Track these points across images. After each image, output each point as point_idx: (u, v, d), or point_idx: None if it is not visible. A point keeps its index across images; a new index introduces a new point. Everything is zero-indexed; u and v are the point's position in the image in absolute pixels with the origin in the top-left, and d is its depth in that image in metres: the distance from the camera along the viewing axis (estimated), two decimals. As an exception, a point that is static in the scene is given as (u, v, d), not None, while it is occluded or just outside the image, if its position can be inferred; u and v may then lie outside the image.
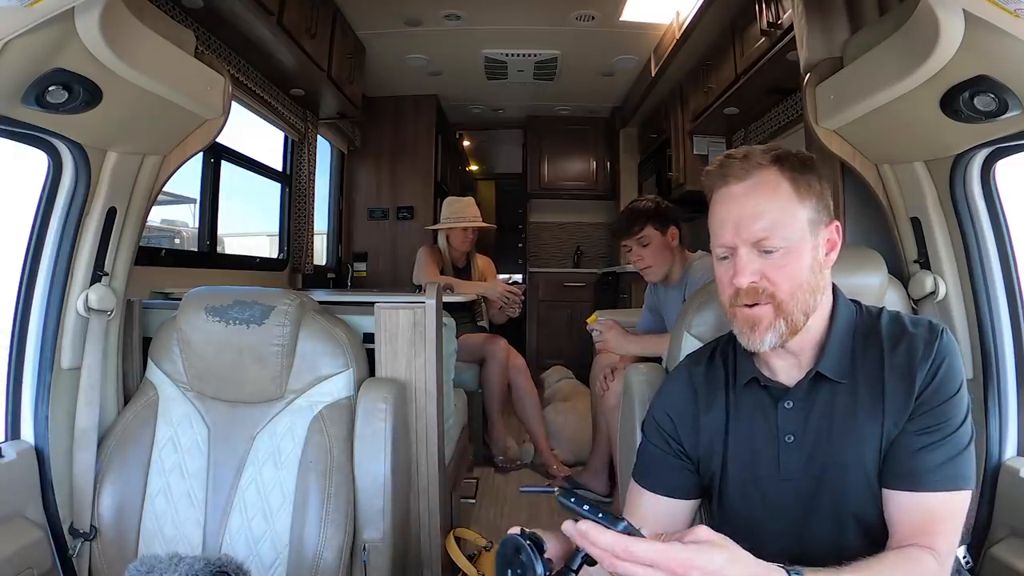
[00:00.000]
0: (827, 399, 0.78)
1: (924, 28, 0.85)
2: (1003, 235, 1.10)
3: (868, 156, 1.20)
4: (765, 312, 0.76)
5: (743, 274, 0.75)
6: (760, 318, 0.76)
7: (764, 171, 0.77)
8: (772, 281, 0.75)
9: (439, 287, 1.40)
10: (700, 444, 0.86)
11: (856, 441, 0.75)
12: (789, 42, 2.00)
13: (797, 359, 0.81)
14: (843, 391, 0.78)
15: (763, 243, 0.75)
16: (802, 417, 0.79)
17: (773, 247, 0.75)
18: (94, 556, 1.12)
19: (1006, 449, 1.09)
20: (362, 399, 1.17)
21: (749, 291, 0.76)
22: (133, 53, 0.95)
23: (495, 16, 2.95)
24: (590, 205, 4.94)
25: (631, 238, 1.93)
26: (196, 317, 1.16)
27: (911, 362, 0.75)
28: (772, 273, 0.75)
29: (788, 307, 0.75)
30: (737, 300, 0.77)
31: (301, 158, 3.13)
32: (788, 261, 0.75)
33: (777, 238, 0.74)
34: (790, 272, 0.75)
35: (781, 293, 0.75)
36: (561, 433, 2.76)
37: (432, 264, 2.73)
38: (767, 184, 0.76)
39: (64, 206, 1.10)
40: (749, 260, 0.76)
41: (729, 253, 0.78)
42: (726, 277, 0.79)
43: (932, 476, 0.71)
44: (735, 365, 0.86)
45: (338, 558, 1.08)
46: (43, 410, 1.11)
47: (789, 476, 0.79)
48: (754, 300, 0.76)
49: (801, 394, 0.80)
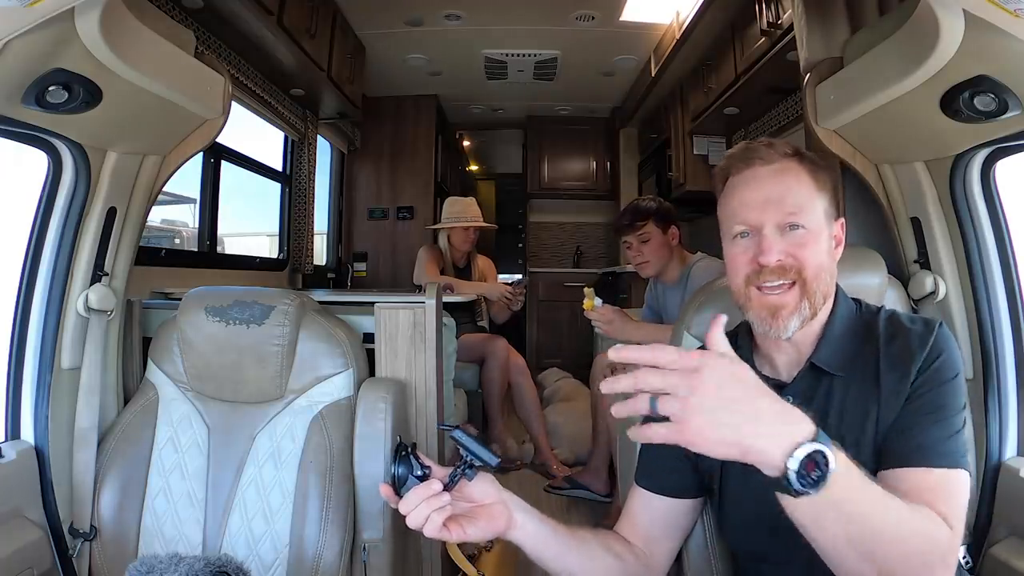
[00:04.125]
0: (824, 393, 0.78)
1: (924, 28, 0.85)
2: (1003, 235, 1.10)
3: (868, 156, 1.20)
4: (791, 297, 0.75)
5: (771, 252, 0.75)
6: (784, 303, 0.75)
7: (788, 160, 0.79)
8: (799, 259, 0.75)
9: (439, 287, 1.40)
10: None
11: (853, 431, 0.75)
12: (789, 42, 2.00)
13: (798, 352, 0.81)
14: (839, 384, 0.78)
15: (791, 220, 0.75)
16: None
17: (799, 223, 0.75)
18: (94, 556, 1.12)
19: (1006, 449, 1.09)
20: (362, 399, 1.17)
21: (776, 269, 0.75)
22: (133, 53, 0.95)
23: (495, 16, 2.95)
24: (590, 205, 4.94)
25: (633, 233, 1.97)
26: (196, 317, 1.16)
27: (906, 352, 0.75)
28: (798, 251, 0.75)
29: (813, 287, 0.75)
30: (757, 279, 0.76)
31: (301, 158, 3.13)
32: (811, 240, 0.76)
33: (805, 217, 0.76)
34: (815, 251, 0.76)
35: (808, 271, 0.75)
36: (561, 433, 2.76)
37: (433, 264, 2.73)
38: (791, 170, 0.78)
39: (64, 206, 1.10)
40: (776, 239, 0.76)
41: (752, 232, 0.78)
42: (744, 257, 0.78)
43: (930, 452, 0.69)
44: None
45: (338, 558, 1.08)
46: (43, 410, 1.11)
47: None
48: (780, 279, 0.75)
49: (798, 389, 0.80)
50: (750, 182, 0.79)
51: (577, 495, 2.32)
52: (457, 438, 0.73)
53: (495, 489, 0.77)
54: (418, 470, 0.72)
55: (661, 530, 0.88)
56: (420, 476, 0.72)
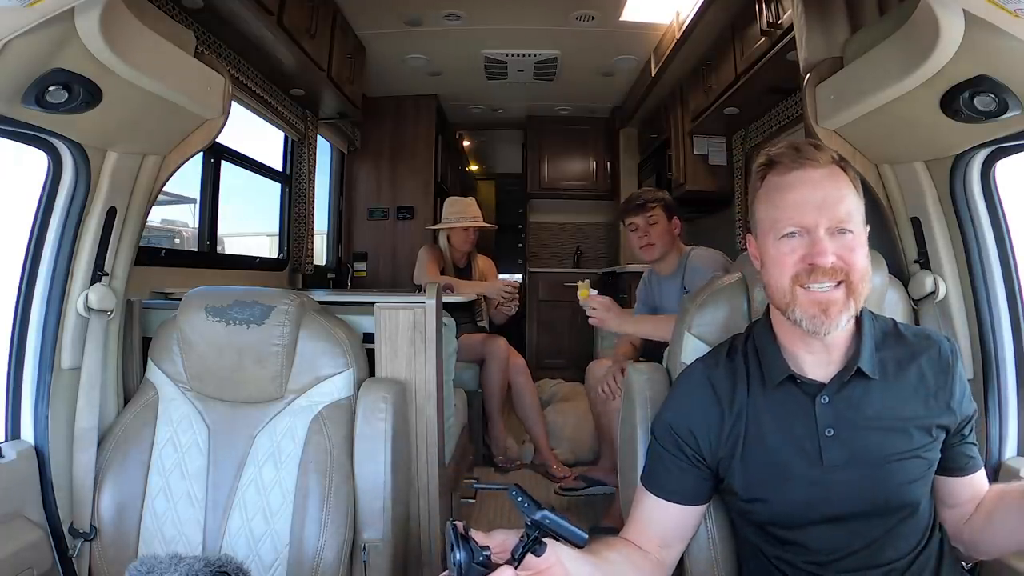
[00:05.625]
0: (861, 394, 0.82)
1: (924, 28, 0.85)
2: (1003, 235, 1.10)
3: (868, 156, 1.20)
4: (839, 295, 0.78)
5: (826, 254, 0.77)
6: (834, 300, 0.78)
7: (835, 164, 0.82)
8: (848, 262, 0.78)
9: (439, 287, 1.40)
10: (722, 448, 0.86)
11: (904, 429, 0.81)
12: (789, 42, 2.00)
13: (829, 354, 0.83)
14: (876, 385, 0.82)
15: (842, 224, 0.78)
16: (838, 411, 0.82)
17: (850, 228, 0.78)
18: (94, 556, 1.12)
19: (1006, 449, 1.09)
20: (362, 399, 1.17)
21: (829, 271, 0.78)
22: (133, 53, 0.95)
23: (495, 16, 2.95)
24: (590, 205, 4.94)
25: (642, 214, 2.03)
26: (196, 317, 1.16)
27: (944, 366, 0.84)
28: (847, 255, 0.78)
29: (858, 289, 0.79)
30: (807, 279, 0.78)
31: (301, 158, 3.13)
32: (858, 245, 0.79)
33: (853, 223, 0.79)
34: (861, 255, 0.79)
35: (855, 274, 0.78)
36: (561, 433, 2.76)
37: (433, 264, 2.73)
38: (841, 176, 0.81)
39: (64, 206, 1.10)
40: (828, 242, 0.78)
41: (803, 232, 0.79)
42: (794, 256, 0.80)
43: (976, 460, 0.86)
44: (760, 363, 0.87)
45: (338, 558, 1.08)
46: (43, 410, 1.11)
47: (832, 469, 0.80)
48: (830, 280, 0.78)
49: (835, 389, 0.82)
50: (803, 182, 0.80)
51: (594, 492, 2.32)
52: (541, 523, 0.65)
53: (551, 550, 0.69)
54: (480, 555, 0.65)
55: (672, 535, 0.88)
56: (482, 561, 0.65)
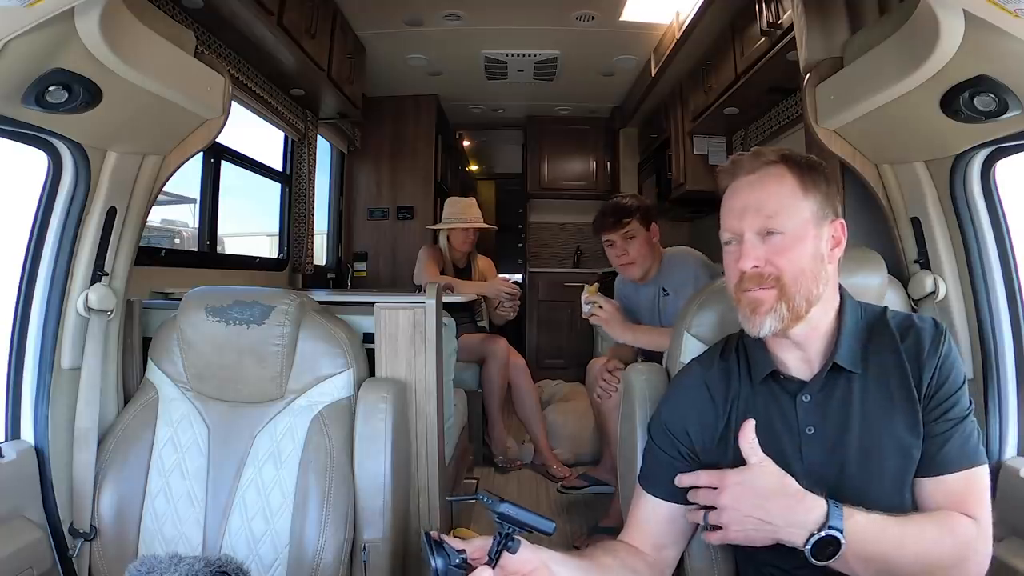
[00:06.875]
0: (844, 391, 0.81)
1: (924, 28, 0.85)
2: (1003, 235, 1.10)
3: (868, 156, 1.20)
4: (768, 296, 0.79)
5: (747, 258, 0.79)
6: (762, 301, 0.79)
7: (772, 166, 0.82)
8: (776, 265, 0.79)
9: (439, 287, 1.40)
10: (716, 446, 0.86)
11: (886, 425, 0.78)
12: (789, 42, 2.00)
13: (804, 352, 0.83)
14: (858, 381, 0.81)
15: (767, 226, 0.79)
16: (820, 410, 0.82)
17: (776, 229, 0.79)
18: (94, 556, 1.12)
19: (1006, 449, 1.09)
20: (362, 399, 1.17)
21: (753, 276, 0.79)
22: (133, 53, 0.95)
23: (495, 16, 2.95)
24: (590, 205, 4.89)
25: (618, 231, 1.89)
26: (196, 317, 1.16)
27: (920, 354, 0.80)
28: (775, 257, 0.78)
29: (791, 291, 0.78)
30: (742, 285, 0.80)
31: (301, 158, 3.13)
32: (790, 246, 0.78)
33: (779, 224, 0.79)
34: (793, 257, 0.78)
35: (786, 277, 0.78)
36: (561, 433, 2.76)
37: (433, 264, 2.73)
38: (773, 176, 0.81)
39: (64, 206, 1.10)
40: (753, 246, 0.79)
41: (735, 239, 0.82)
42: (732, 263, 0.82)
43: (953, 459, 0.76)
44: (748, 360, 0.88)
45: (338, 558, 1.08)
46: (43, 410, 1.11)
47: (811, 467, 0.80)
48: (759, 285, 0.79)
49: (817, 387, 0.82)
50: (735, 192, 0.83)
51: (595, 491, 2.31)
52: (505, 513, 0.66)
53: (532, 552, 0.70)
54: (455, 558, 0.67)
55: (669, 536, 0.88)
56: (459, 564, 0.66)
